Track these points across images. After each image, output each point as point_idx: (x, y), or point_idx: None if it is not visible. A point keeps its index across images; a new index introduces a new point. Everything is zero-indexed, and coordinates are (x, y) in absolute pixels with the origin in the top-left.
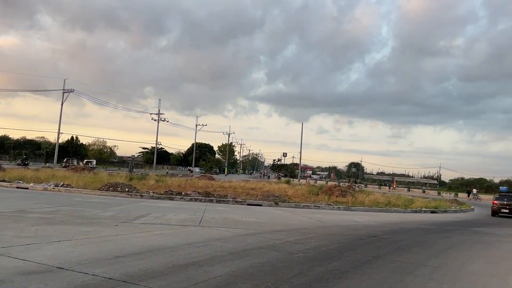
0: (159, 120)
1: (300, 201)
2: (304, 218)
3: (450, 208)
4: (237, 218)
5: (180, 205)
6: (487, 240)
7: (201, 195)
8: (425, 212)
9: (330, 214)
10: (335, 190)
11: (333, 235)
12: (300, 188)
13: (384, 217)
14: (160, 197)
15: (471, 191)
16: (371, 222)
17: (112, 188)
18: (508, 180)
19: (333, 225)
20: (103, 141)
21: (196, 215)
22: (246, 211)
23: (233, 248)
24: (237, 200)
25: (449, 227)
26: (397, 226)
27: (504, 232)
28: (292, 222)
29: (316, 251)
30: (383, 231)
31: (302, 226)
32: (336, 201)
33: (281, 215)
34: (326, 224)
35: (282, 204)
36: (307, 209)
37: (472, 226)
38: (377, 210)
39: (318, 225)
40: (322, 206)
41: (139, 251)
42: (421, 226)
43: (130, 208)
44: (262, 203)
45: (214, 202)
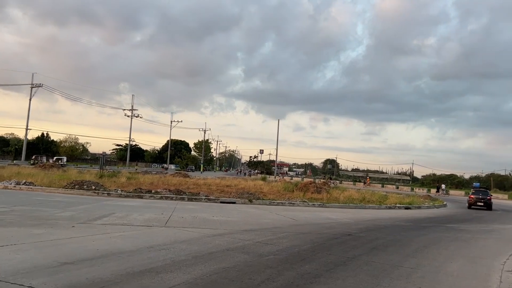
0: (132, 116)
1: (275, 198)
2: (278, 216)
3: (424, 204)
4: (208, 217)
5: (149, 204)
6: (463, 237)
7: (173, 193)
8: (399, 208)
9: (304, 211)
10: (311, 187)
11: (306, 234)
12: (276, 185)
13: (359, 213)
14: (128, 196)
15: (440, 186)
16: (346, 220)
17: (78, 186)
18: (477, 176)
19: (307, 223)
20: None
21: (164, 215)
22: (218, 210)
23: (198, 251)
24: (210, 198)
25: (424, 224)
26: (372, 223)
27: (478, 228)
28: (265, 221)
29: (287, 253)
30: (358, 229)
31: (275, 225)
32: (311, 197)
33: (254, 213)
34: (300, 223)
35: (257, 201)
36: (281, 207)
37: (446, 223)
38: (352, 207)
39: (292, 224)
40: (297, 203)
41: (92, 256)
42: (396, 223)
43: (93, 208)
44: (236, 201)
45: (186, 200)
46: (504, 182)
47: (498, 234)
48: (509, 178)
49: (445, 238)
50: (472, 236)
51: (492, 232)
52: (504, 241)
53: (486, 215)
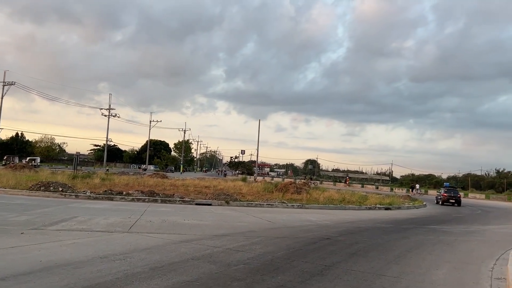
0: (109, 115)
1: (254, 199)
2: (254, 218)
3: (404, 205)
4: (179, 221)
5: (118, 207)
6: (446, 240)
7: (145, 194)
8: (379, 209)
9: (283, 213)
10: (290, 187)
11: (282, 238)
12: (256, 185)
13: (339, 215)
14: (98, 198)
15: (414, 186)
16: (325, 222)
17: (44, 188)
18: (455, 176)
19: (284, 226)
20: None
21: (131, 218)
22: (192, 212)
23: (158, 261)
24: (184, 200)
25: (405, 226)
26: (352, 225)
27: (460, 229)
28: (240, 224)
29: (260, 261)
30: (337, 232)
31: (250, 229)
32: (291, 198)
33: (230, 215)
34: (276, 225)
35: (234, 203)
36: (259, 208)
37: (427, 224)
38: (331, 208)
39: (268, 227)
40: (276, 205)
41: (32, 269)
42: (376, 225)
43: (55, 211)
44: (212, 203)
45: (159, 202)
46: (480, 182)
47: (480, 235)
48: (485, 178)
49: (428, 241)
50: (455, 238)
51: (474, 233)
52: (488, 244)
53: (465, 215)
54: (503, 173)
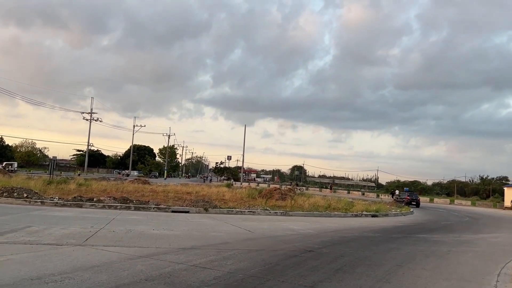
0: (91, 119)
1: (236, 206)
2: (232, 227)
3: (391, 211)
4: (146, 231)
5: (84, 214)
6: (439, 252)
7: (118, 201)
8: (366, 216)
9: (264, 221)
10: (275, 194)
11: (259, 251)
12: (240, 191)
13: (324, 223)
14: (66, 204)
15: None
16: (309, 230)
17: (7, 194)
18: (439, 182)
19: (263, 237)
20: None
21: (92, 228)
22: (165, 221)
23: (104, 283)
24: (160, 207)
25: (394, 235)
26: (338, 234)
27: (451, 239)
28: (215, 234)
29: (228, 281)
30: (321, 243)
31: (225, 240)
32: (275, 205)
33: (205, 224)
34: (255, 235)
35: (213, 210)
36: (240, 216)
37: (417, 232)
38: (316, 215)
39: (245, 237)
40: (258, 212)
41: None
42: (364, 234)
43: (10, 219)
44: (190, 210)
45: (132, 210)
46: (464, 189)
47: (474, 246)
48: (469, 184)
49: (420, 253)
50: (448, 249)
51: (467, 243)
52: (484, 256)
53: (454, 223)
54: (487, 180)
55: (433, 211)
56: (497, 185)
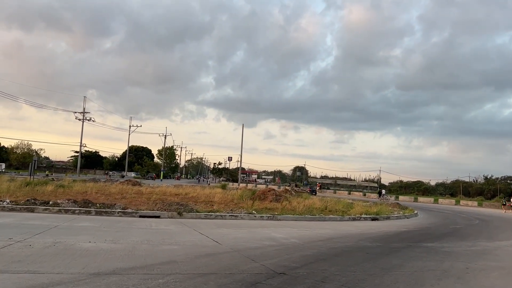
0: (83, 119)
1: (219, 209)
2: (198, 237)
3: (393, 214)
4: (75, 244)
5: (26, 221)
6: (454, 270)
7: (78, 204)
8: (365, 220)
9: (244, 227)
10: (269, 195)
11: (209, 275)
12: (233, 193)
13: (314, 228)
14: (15, 208)
15: (381, 192)
16: (293, 240)
17: None
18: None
19: (229, 250)
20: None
21: (10, 241)
22: (119, 229)
23: None
24: (126, 211)
25: (395, 244)
26: (327, 245)
27: (465, 248)
28: (166, 248)
29: None
30: (302, 259)
31: (173, 257)
32: (266, 207)
33: (168, 233)
34: (219, 249)
35: (188, 214)
36: (219, 221)
37: (423, 240)
38: (308, 219)
39: (205, 252)
40: (241, 216)
41: None
42: (359, 244)
43: None
44: (161, 214)
45: (93, 214)
46: (468, 189)
47: (495, 259)
48: (473, 184)
49: (430, 273)
50: (465, 265)
51: (485, 255)
52: None
53: (463, 226)
54: (491, 180)
55: (439, 213)
56: (502, 185)
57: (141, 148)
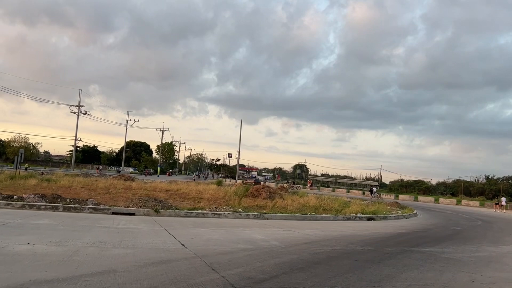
0: (79, 113)
1: (207, 206)
2: (164, 238)
3: (391, 213)
4: (7, 248)
5: None
6: (457, 284)
7: (46, 199)
8: (360, 219)
9: (223, 227)
10: (263, 192)
11: None
12: (227, 190)
13: (303, 229)
14: None
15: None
16: (274, 242)
17: None
18: (444, 182)
19: (190, 256)
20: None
21: None
22: (78, 228)
23: None
24: (97, 208)
25: (390, 248)
26: (312, 249)
27: (469, 254)
28: (118, 252)
29: None
30: (275, 268)
31: (115, 265)
32: (256, 205)
33: (133, 232)
34: (180, 255)
35: (166, 212)
36: (200, 219)
37: (422, 244)
38: (299, 218)
39: (158, 259)
40: (225, 214)
41: None
42: (349, 248)
43: None
44: (137, 211)
45: (60, 210)
46: (470, 188)
47: (504, 268)
48: (474, 184)
49: (427, 287)
50: (469, 277)
51: (493, 263)
52: None
53: (466, 228)
54: (493, 180)
55: (440, 213)
56: (503, 185)
57: (140, 143)
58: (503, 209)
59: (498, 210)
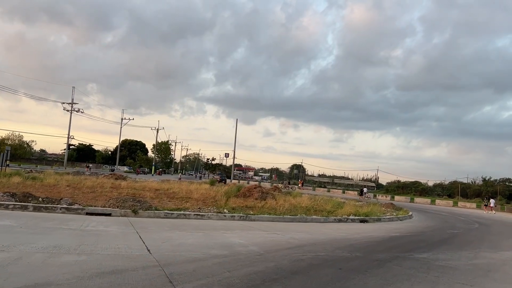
0: (72, 110)
1: (194, 206)
2: (128, 243)
3: (385, 215)
4: None
5: None
6: None
7: (16, 198)
8: (352, 221)
9: (202, 230)
10: (255, 192)
11: None
12: (218, 189)
13: (288, 232)
14: None
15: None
16: (252, 247)
17: None
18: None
19: (151, 265)
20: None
21: None
22: (42, 229)
23: None
24: (70, 208)
25: (380, 254)
26: (293, 255)
27: (466, 261)
28: (68, 260)
29: None
30: (245, 278)
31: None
32: (245, 206)
33: (95, 235)
34: (140, 263)
35: (145, 212)
36: (180, 220)
37: (415, 249)
38: (287, 220)
39: (111, 268)
40: (208, 215)
41: None
42: (335, 254)
43: None
44: (113, 212)
45: (30, 210)
46: (466, 190)
47: (505, 278)
48: (471, 186)
49: None
50: None
51: (493, 272)
52: None
53: (462, 231)
54: (490, 181)
55: (436, 215)
56: (500, 186)
57: (135, 142)
58: (492, 210)
59: (487, 211)
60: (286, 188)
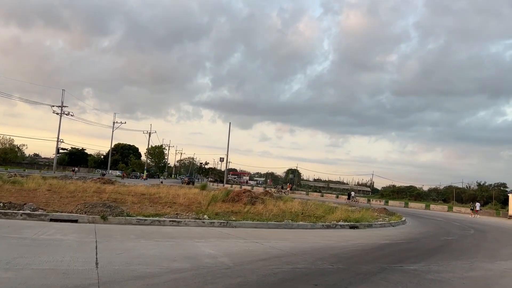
0: (61, 113)
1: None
2: (77, 255)
3: (377, 221)
4: None
5: None
6: None
7: None
8: (342, 228)
9: (172, 238)
10: (244, 197)
11: None
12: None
13: (270, 239)
14: None
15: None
16: (223, 259)
17: None
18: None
19: (90, 283)
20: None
21: None
22: None
23: None
24: (33, 214)
25: (365, 266)
26: (267, 268)
27: (461, 274)
28: None
29: None
30: None
31: None
32: (230, 211)
33: (44, 246)
34: (78, 281)
35: (115, 218)
36: (153, 227)
37: (406, 259)
38: (272, 226)
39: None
40: (185, 222)
41: None
42: (314, 266)
43: None
44: (80, 218)
45: None
46: (462, 195)
47: None
48: (466, 190)
49: None
50: None
51: (492, 286)
52: None
53: (457, 238)
54: (484, 186)
55: (430, 220)
56: (495, 191)
57: (128, 146)
58: (477, 214)
59: (473, 215)
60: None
